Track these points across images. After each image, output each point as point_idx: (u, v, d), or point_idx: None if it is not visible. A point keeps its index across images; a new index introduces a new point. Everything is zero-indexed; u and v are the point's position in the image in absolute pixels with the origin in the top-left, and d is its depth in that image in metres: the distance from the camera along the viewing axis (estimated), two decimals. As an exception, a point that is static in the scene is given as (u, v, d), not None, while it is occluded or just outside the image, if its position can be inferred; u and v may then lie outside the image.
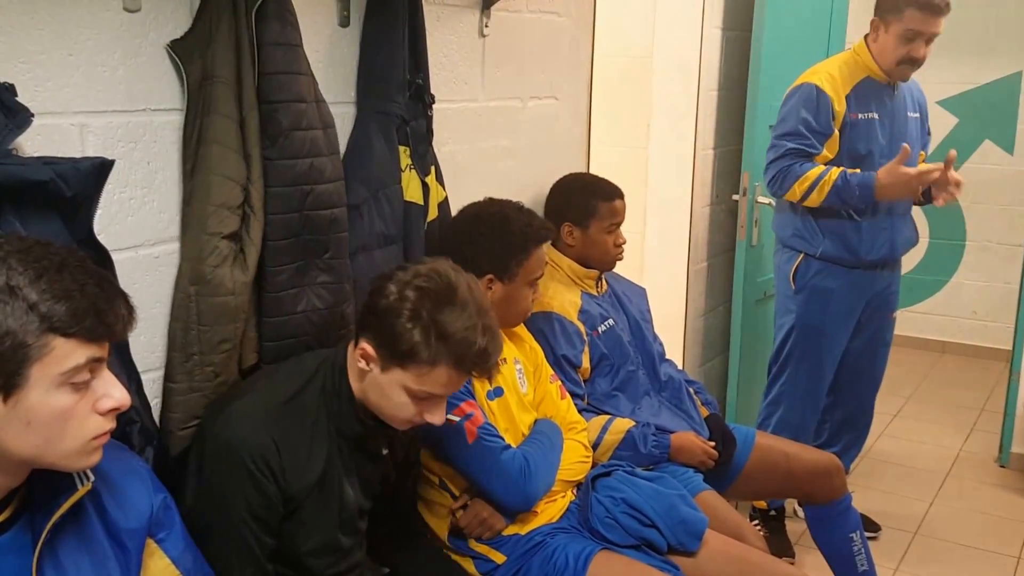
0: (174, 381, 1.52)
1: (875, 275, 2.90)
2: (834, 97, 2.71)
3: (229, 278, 1.50)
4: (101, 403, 1.05)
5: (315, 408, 1.51)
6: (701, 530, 1.90)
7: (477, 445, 1.79)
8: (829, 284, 2.86)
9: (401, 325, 1.43)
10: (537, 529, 1.87)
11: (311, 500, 1.49)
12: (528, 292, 1.97)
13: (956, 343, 5.10)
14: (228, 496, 1.42)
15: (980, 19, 4.67)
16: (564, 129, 2.54)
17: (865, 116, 2.75)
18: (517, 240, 1.91)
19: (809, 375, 2.95)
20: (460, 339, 1.43)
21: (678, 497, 1.93)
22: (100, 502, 1.17)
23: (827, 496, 2.43)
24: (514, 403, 1.96)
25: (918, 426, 4.11)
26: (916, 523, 3.21)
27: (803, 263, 2.88)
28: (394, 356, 1.44)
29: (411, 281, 1.46)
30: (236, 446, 1.42)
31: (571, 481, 2.00)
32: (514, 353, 2.03)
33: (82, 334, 1.01)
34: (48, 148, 1.33)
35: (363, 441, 1.57)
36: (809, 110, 2.71)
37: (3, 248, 1.00)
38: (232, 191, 1.50)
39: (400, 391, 1.46)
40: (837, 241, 2.81)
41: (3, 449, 1.02)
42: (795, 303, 2.92)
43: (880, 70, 2.74)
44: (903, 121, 2.82)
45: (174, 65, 1.49)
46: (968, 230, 4.97)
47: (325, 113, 1.67)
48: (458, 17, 2.09)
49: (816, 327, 2.90)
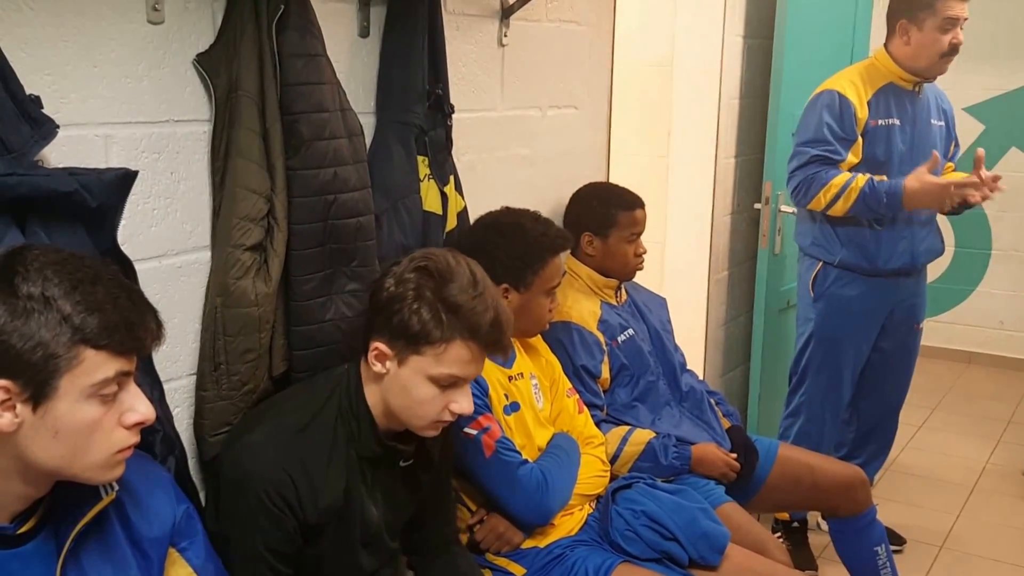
0: (204, 390, 1.55)
1: (896, 284, 2.86)
2: (856, 103, 2.69)
3: (251, 289, 1.51)
4: (127, 417, 1.06)
5: (332, 432, 1.48)
6: (723, 544, 1.88)
7: (495, 459, 1.79)
8: (847, 292, 2.83)
9: (407, 308, 1.40)
10: (557, 542, 1.86)
11: (331, 526, 1.48)
12: (545, 301, 1.96)
13: (983, 353, 5.03)
14: (244, 532, 1.41)
15: (1007, 25, 4.62)
16: (584, 138, 2.54)
17: (886, 122, 2.73)
18: (533, 249, 1.91)
19: (828, 385, 2.91)
20: (469, 310, 1.41)
21: (700, 511, 1.91)
22: (123, 511, 1.18)
23: (851, 509, 2.40)
24: (531, 419, 1.95)
25: (944, 438, 4.05)
26: (942, 537, 3.16)
27: (822, 271, 2.86)
28: (408, 343, 1.41)
29: (408, 267, 1.45)
30: (249, 483, 1.40)
31: (588, 495, 1.99)
32: (530, 368, 2.03)
33: (113, 347, 1.02)
34: (73, 159, 1.34)
35: (387, 459, 1.55)
36: (832, 116, 2.69)
37: (39, 259, 1.01)
38: (255, 203, 1.51)
39: (422, 382, 1.43)
40: (855, 249, 2.79)
41: (29, 459, 1.03)
42: (814, 311, 2.90)
43: (907, 75, 2.72)
44: (926, 128, 2.79)
45: (199, 76, 1.50)
46: (994, 238, 4.91)
47: (351, 121, 1.68)
48: (477, 27, 2.09)
49: (834, 336, 2.87)
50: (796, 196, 2.78)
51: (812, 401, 2.94)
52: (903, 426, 3.20)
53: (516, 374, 1.97)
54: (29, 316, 0.98)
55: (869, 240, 2.77)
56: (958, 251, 4.95)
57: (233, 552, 1.40)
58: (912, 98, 2.77)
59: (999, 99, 4.76)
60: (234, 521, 1.42)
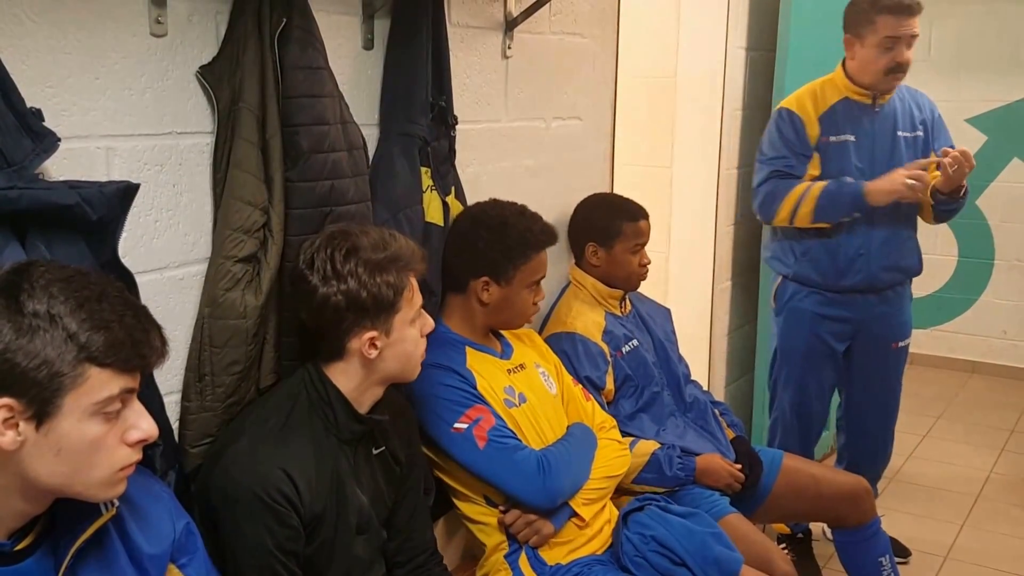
0: (188, 400, 1.54)
1: (856, 301, 2.76)
2: (806, 120, 2.67)
3: (240, 302, 1.50)
4: (129, 434, 1.06)
5: (309, 424, 1.51)
6: (735, 570, 1.84)
7: (489, 448, 1.78)
8: (803, 306, 2.80)
9: (367, 287, 1.47)
10: (576, 560, 1.85)
11: (329, 515, 1.49)
12: (527, 295, 1.95)
13: (986, 363, 5.01)
14: (252, 538, 1.40)
15: (1009, 37, 4.62)
16: (588, 149, 2.54)
17: (838, 139, 2.67)
18: (515, 244, 1.90)
19: (795, 399, 2.87)
20: (397, 251, 1.51)
21: (711, 536, 1.87)
22: (123, 527, 1.17)
23: (856, 519, 2.40)
24: (545, 408, 1.94)
25: (948, 447, 4.03)
26: (946, 547, 3.14)
27: (781, 285, 2.86)
28: (385, 312, 1.50)
29: (323, 263, 1.49)
30: (247, 487, 1.40)
31: (613, 476, 1.97)
32: (532, 357, 2.02)
33: (118, 365, 1.01)
34: (74, 172, 1.34)
35: (365, 440, 1.58)
36: (785, 132, 2.68)
37: (45, 276, 1.00)
38: (249, 215, 1.51)
39: (409, 329, 1.54)
40: (808, 263, 2.76)
41: (31, 477, 1.02)
42: (776, 325, 2.90)
43: (860, 89, 2.67)
44: (887, 142, 2.70)
45: (202, 89, 1.50)
46: (997, 248, 4.90)
47: (352, 134, 1.68)
48: (481, 39, 2.09)
49: (794, 348, 2.84)
50: (762, 212, 2.77)
51: (784, 415, 2.91)
52: (907, 436, 3.19)
53: (516, 366, 1.96)
54: (35, 334, 0.97)
55: (822, 255, 2.72)
56: (961, 261, 4.94)
57: (243, 561, 1.40)
58: (870, 113, 2.69)
59: (1001, 110, 4.75)
60: (239, 530, 1.41)
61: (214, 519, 1.43)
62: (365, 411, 1.57)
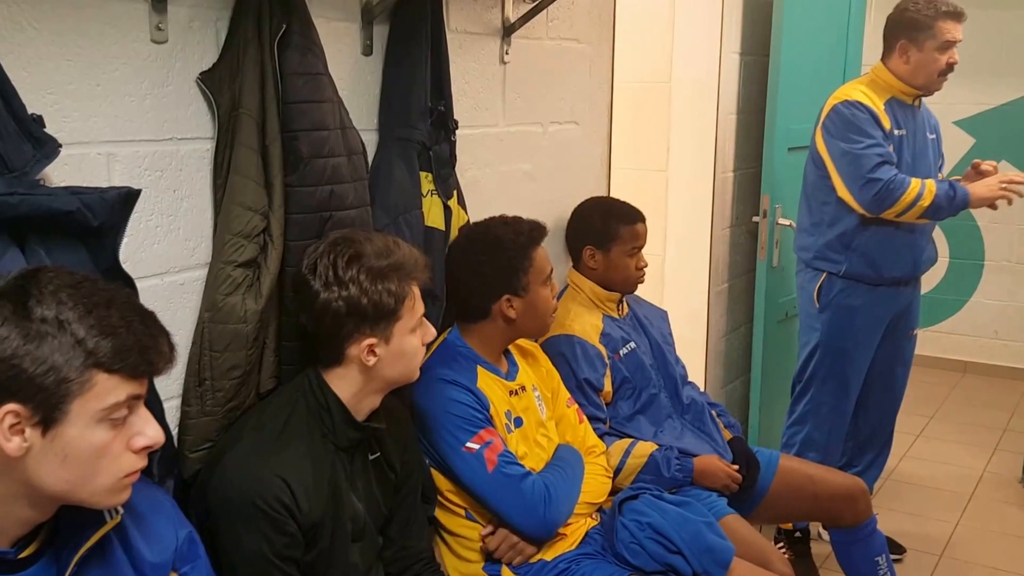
0: (188, 405, 1.53)
1: (897, 292, 2.89)
2: (878, 111, 2.73)
3: (240, 306, 1.50)
4: (135, 441, 1.05)
5: (307, 430, 1.51)
6: (728, 559, 1.87)
7: (497, 473, 1.78)
8: (853, 302, 2.85)
9: (368, 295, 1.47)
10: (562, 555, 1.85)
11: (326, 523, 1.49)
12: (546, 291, 1.97)
13: (977, 363, 5.04)
14: (249, 546, 1.40)
15: (997, 40, 4.65)
16: (585, 153, 2.54)
17: (900, 132, 2.77)
18: (514, 252, 1.92)
19: (835, 393, 2.93)
20: (400, 260, 1.51)
21: (705, 524, 1.90)
22: (126, 535, 1.17)
23: (852, 519, 2.41)
24: (536, 432, 1.95)
25: (941, 447, 4.06)
26: (941, 545, 3.16)
27: (826, 281, 2.87)
28: (387, 318, 1.49)
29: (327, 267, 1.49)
30: (244, 494, 1.40)
31: (593, 503, 1.98)
32: (531, 380, 2.03)
33: (125, 371, 1.01)
34: (75, 178, 1.33)
35: (361, 447, 1.58)
36: (866, 121, 2.70)
37: (53, 282, 1.00)
38: (249, 220, 1.51)
39: (409, 337, 1.54)
40: (860, 259, 2.80)
41: (36, 484, 1.01)
42: (819, 322, 2.90)
43: (909, 89, 2.77)
44: (924, 141, 2.84)
45: (202, 95, 1.50)
46: (987, 249, 4.93)
47: (351, 140, 1.68)
48: (480, 45, 2.10)
49: (841, 345, 2.89)
50: (878, 200, 2.66)
51: (818, 409, 2.95)
52: (901, 435, 3.21)
53: (518, 387, 1.97)
54: (43, 340, 0.97)
55: (874, 249, 2.79)
56: (952, 262, 4.97)
57: (241, 569, 1.39)
58: (913, 111, 2.82)
59: (988, 113, 4.80)
60: (236, 537, 1.41)
61: (212, 525, 1.43)
62: (363, 418, 1.56)
